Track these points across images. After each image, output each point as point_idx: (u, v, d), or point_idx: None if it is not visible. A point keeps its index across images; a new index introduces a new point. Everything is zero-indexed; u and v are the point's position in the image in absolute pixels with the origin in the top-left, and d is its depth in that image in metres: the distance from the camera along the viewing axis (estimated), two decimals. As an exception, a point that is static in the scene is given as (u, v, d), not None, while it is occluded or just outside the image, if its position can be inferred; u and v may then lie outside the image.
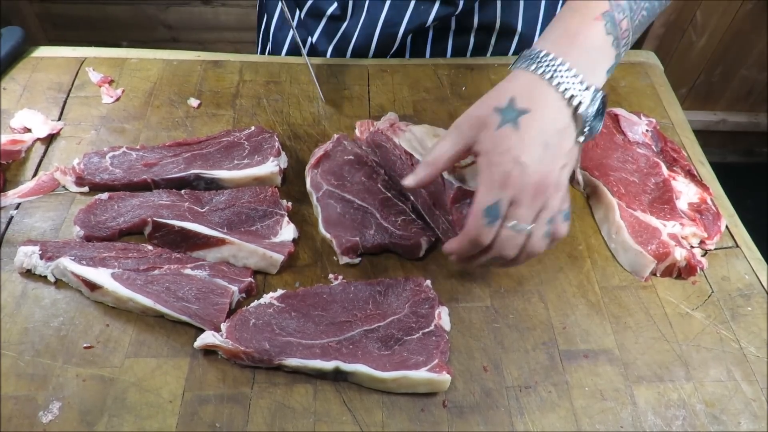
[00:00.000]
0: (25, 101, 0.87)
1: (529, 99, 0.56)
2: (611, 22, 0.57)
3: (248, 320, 0.63)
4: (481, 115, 0.57)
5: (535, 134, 0.55)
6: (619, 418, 0.60)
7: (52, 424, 0.57)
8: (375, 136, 0.79)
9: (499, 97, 0.57)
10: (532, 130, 0.55)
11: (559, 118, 0.56)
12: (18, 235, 0.71)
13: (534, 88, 0.56)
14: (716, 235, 0.73)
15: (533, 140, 0.55)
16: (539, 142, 0.55)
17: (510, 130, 0.55)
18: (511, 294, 0.69)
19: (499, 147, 0.56)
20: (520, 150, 0.55)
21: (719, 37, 1.95)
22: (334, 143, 0.79)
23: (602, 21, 0.57)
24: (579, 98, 0.56)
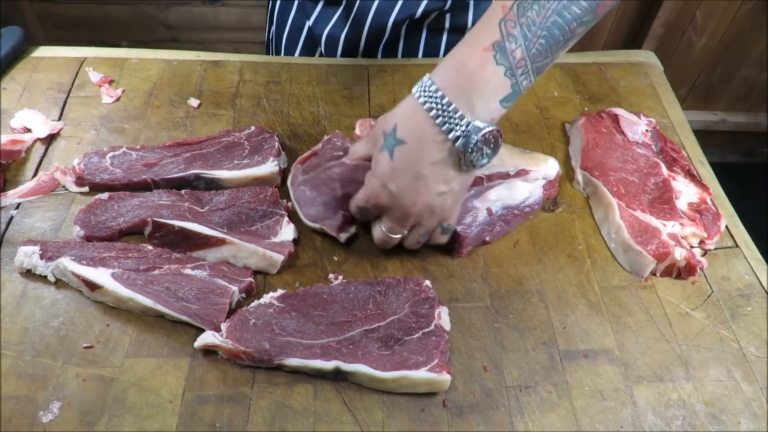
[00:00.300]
0: (25, 101, 0.87)
1: (408, 130, 0.59)
2: (501, 52, 0.56)
3: (248, 320, 0.63)
4: (375, 134, 0.64)
5: (405, 165, 0.60)
6: (619, 418, 0.60)
7: (52, 424, 0.57)
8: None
9: (389, 120, 0.61)
10: (404, 161, 0.60)
11: (434, 152, 0.58)
12: (18, 235, 0.71)
13: (414, 121, 0.59)
14: (716, 235, 0.73)
15: (404, 171, 0.60)
16: (411, 173, 0.60)
17: (385, 157, 0.61)
18: (511, 294, 0.69)
19: (376, 170, 0.63)
20: (389, 178, 0.61)
21: (719, 37, 1.95)
22: (324, 142, 0.79)
23: (491, 52, 0.56)
24: (456, 133, 0.57)
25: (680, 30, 1.93)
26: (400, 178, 0.60)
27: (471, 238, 0.71)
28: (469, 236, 0.70)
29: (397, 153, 0.60)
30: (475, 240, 0.72)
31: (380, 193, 0.62)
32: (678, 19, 1.89)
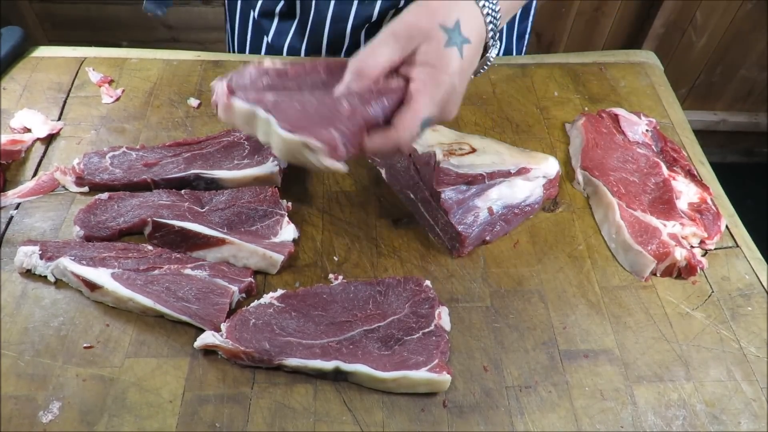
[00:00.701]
0: (25, 101, 0.87)
1: (471, 29, 0.58)
2: None
3: (248, 320, 0.63)
4: (424, 27, 0.57)
5: (468, 67, 0.59)
6: (619, 418, 0.60)
7: (52, 424, 0.57)
8: None
9: (447, 14, 0.57)
10: (468, 63, 0.59)
11: (476, 58, 0.60)
12: (18, 235, 0.71)
13: (477, 22, 0.58)
14: (716, 235, 0.73)
15: (467, 72, 0.59)
16: (468, 74, 0.60)
17: (455, 53, 0.57)
18: (511, 294, 0.69)
19: (447, 67, 0.57)
20: (460, 78, 0.59)
21: (719, 37, 1.95)
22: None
23: None
24: (493, 41, 0.60)
25: (680, 30, 1.93)
26: (464, 78, 0.59)
27: (472, 238, 0.71)
28: (470, 236, 0.70)
29: (465, 51, 0.57)
30: (475, 240, 0.72)
31: (450, 92, 0.58)
32: (678, 19, 1.89)
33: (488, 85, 0.94)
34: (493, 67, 0.96)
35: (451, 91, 0.58)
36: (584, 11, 1.90)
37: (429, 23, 0.57)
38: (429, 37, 0.57)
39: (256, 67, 0.62)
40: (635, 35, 1.98)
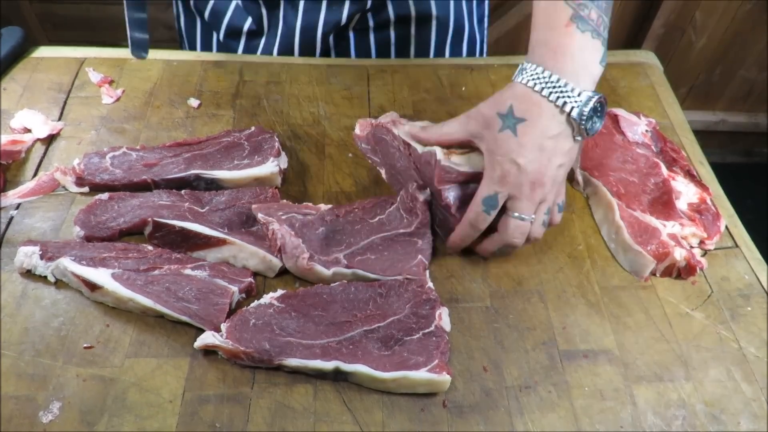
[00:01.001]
0: (25, 101, 0.87)
1: (525, 109, 0.63)
2: (581, 21, 0.62)
3: (248, 320, 0.63)
4: (486, 115, 0.65)
5: (529, 140, 0.63)
6: (619, 418, 0.60)
7: (52, 424, 0.57)
8: (376, 131, 0.79)
9: (502, 103, 0.64)
10: (528, 137, 0.63)
11: (552, 125, 0.63)
12: (18, 236, 0.71)
13: (529, 99, 0.63)
14: (716, 235, 0.73)
15: (528, 145, 0.63)
16: (534, 146, 0.63)
17: (509, 135, 0.63)
18: (511, 294, 0.69)
19: (500, 148, 0.64)
20: (517, 154, 0.63)
21: (719, 37, 1.95)
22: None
23: (573, 25, 0.62)
24: (571, 104, 0.62)
25: (680, 30, 1.93)
26: (526, 152, 0.63)
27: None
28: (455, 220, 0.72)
29: (519, 130, 0.63)
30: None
31: (509, 170, 0.63)
32: (678, 19, 1.89)
33: (488, 85, 0.94)
34: (492, 68, 0.96)
35: (511, 168, 0.63)
36: (584, 11, 1.89)
37: (490, 112, 0.65)
38: (488, 125, 0.65)
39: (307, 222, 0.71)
40: (635, 35, 1.98)
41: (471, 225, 0.67)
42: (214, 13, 0.96)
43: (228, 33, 0.97)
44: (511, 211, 0.65)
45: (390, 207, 0.74)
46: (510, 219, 0.66)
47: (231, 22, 0.96)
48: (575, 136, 0.64)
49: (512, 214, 0.65)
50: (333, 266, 0.68)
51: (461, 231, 0.68)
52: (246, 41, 0.97)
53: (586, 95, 0.62)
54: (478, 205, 0.65)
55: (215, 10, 0.96)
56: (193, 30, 1.01)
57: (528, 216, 0.65)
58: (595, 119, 0.64)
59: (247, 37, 0.97)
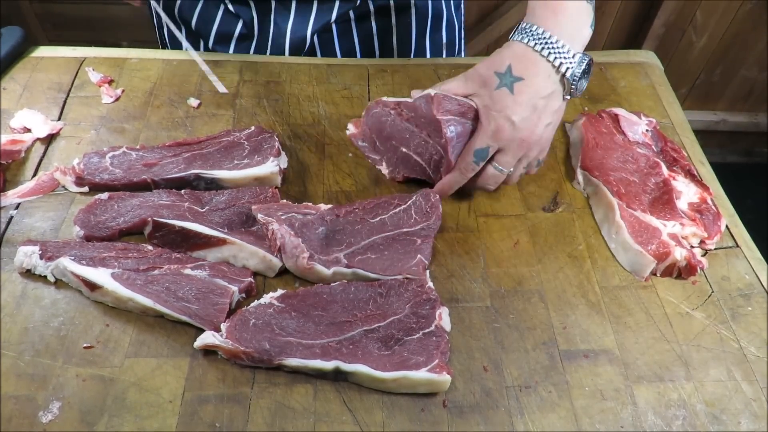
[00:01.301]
0: (25, 101, 0.87)
1: (523, 68, 0.66)
2: None
3: (248, 320, 0.63)
4: (483, 74, 0.69)
5: (525, 98, 0.66)
6: (619, 418, 0.60)
7: (52, 424, 0.57)
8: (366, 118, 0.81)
9: (500, 62, 0.68)
10: (523, 95, 0.66)
11: (547, 84, 0.67)
12: (18, 235, 0.71)
13: (527, 59, 0.66)
14: (716, 235, 0.73)
15: (524, 103, 0.67)
16: (529, 105, 0.67)
17: (506, 92, 0.67)
18: (511, 294, 0.69)
19: (497, 105, 0.68)
20: (512, 111, 0.67)
21: (719, 37, 1.95)
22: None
23: None
24: (566, 65, 0.66)
25: (680, 30, 1.93)
26: (521, 109, 0.67)
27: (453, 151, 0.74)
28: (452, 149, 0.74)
29: (516, 88, 0.66)
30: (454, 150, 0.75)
31: (503, 126, 0.67)
32: (678, 19, 1.89)
33: (488, 85, 0.94)
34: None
35: (505, 124, 0.67)
36: (584, 11, 1.89)
37: (488, 71, 0.68)
38: (485, 83, 0.69)
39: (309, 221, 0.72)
40: (635, 35, 1.98)
41: (461, 173, 0.72)
42: (201, 20, 0.96)
43: (217, 39, 0.97)
44: (494, 162, 0.71)
45: (395, 208, 0.74)
46: (490, 168, 0.71)
47: (220, 29, 0.96)
48: (564, 95, 0.69)
49: (493, 164, 0.71)
50: (333, 266, 0.68)
51: (451, 177, 0.73)
52: (235, 45, 0.97)
53: (579, 56, 0.66)
54: (470, 155, 0.70)
55: (203, 18, 0.96)
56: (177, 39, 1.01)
57: (507, 169, 0.71)
58: (583, 80, 0.68)
59: (237, 41, 0.97)
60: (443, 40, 1.04)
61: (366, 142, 0.82)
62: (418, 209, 0.74)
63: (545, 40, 0.65)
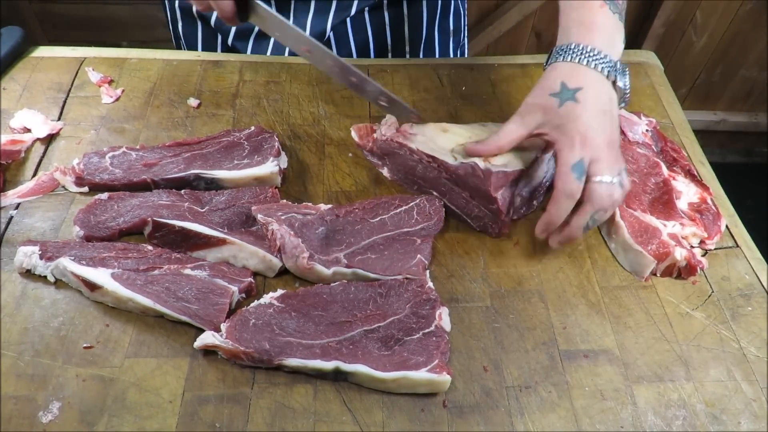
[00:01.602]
0: (25, 101, 0.87)
1: (576, 80, 0.66)
2: (612, 4, 0.69)
3: (248, 320, 0.63)
4: (539, 103, 0.68)
5: (591, 104, 0.66)
6: (619, 418, 0.60)
7: (52, 424, 0.57)
8: (384, 145, 0.77)
9: (552, 84, 0.67)
10: (589, 102, 0.66)
11: (604, 90, 0.67)
12: (18, 235, 0.71)
13: (577, 72, 0.66)
14: (716, 235, 0.73)
15: (593, 109, 0.66)
16: (598, 110, 0.66)
17: (572, 104, 0.66)
18: (511, 294, 0.69)
19: (569, 119, 0.66)
20: (587, 118, 0.65)
21: (719, 37, 1.95)
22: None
23: (606, 6, 0.68)
24: (614, 73, 0.67)
25: (680, 30, 1.93)
26: (594, 115, 0.66)
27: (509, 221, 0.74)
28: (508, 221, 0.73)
29: (579, 97, 0.66)
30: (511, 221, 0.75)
31: (586, 133, 0.65)
32: (678, 19, 1.89)
33: (488, 85, 0.94)
34: (492, 67, 0.96)
35: (587, 131, 0.65)
36: (584, 11, 1.90)
37: (542, 97, 0.67)
38: (547, 109, 0.67)
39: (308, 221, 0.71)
40: (635, 35, 1.98)
41: (567, 196, 0.66)
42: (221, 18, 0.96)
43: (237, 36, 0.97)
44: (595, 176, 0.65)
45: (396, 209, 0.74)
46: (596, 184, 0.65)
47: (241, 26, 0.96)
48: (619, 103, 0.68)
49: (596, 179, 0.65)
50: (333, 266, 0.68)
51: (557, 206, 0.66)
52: (254, 43, 0.98)
53: (621, 65, 0.67)
54: (568, 173, 0.65)
55: None
56: (194, 35, 1.01)
57: (611, 177, 0.65)
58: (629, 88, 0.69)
59: (257, 37, 0.97)
60: (450, 27, 1.06)
61: (371, 152, 0.82)
62: (420, 211, 0.74)
63: (587, 53, 0.66)
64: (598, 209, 0.66)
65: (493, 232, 0.74)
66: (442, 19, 1.04)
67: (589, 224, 0.67)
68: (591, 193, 0.66)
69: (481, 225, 0.74)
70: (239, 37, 0.97)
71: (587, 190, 0.66)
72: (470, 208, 0.74)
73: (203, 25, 0.99)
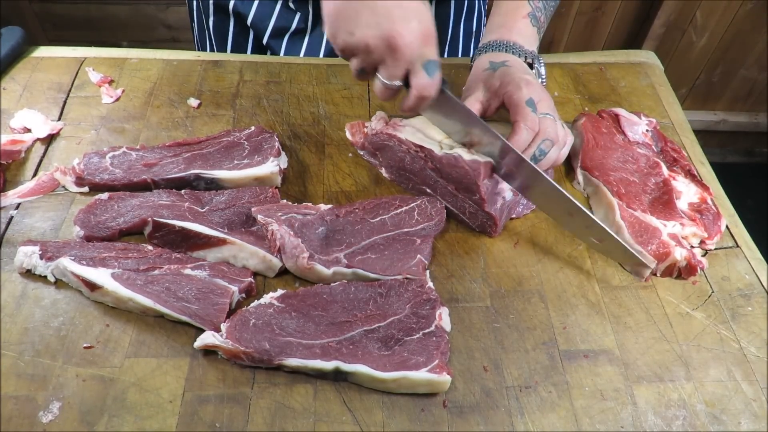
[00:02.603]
0: (25, 101, 0.87)
1: (502, 58, 0.76)
2: (534, 18, 0.81)
3: (248, 320, 0.63)
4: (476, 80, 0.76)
5: (520, 67, 0.75)
6: (619, 418, 0.60)
7: (52, 424, 0.57)
8: (374, 139, 0.78)
9: (481, 65, 0.77)
10: (518, 65, 0.75)
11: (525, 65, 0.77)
12: (18, 235, 0.71)
13: (499, 56, 0.77)
14: (716, 235, 0.73)
15: (522, 70, 0.74)
16: (525, 70, 0.75)
17: (504, 68, 0.75)
18: (511, 294, 0.69)
19: (506, 75, 0.73)
20: (520, 74, 0.73)
21: (719, 37, 1.95)
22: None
23: (528, 19, 0.81)
24: (531, 58, 0.77)
25: (680, 30, 1.92)
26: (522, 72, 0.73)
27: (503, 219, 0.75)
28: (501, 217, 0.73)
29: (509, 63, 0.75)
30: (505, 219, 0.75)
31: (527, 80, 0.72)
32: (678, 19, 1.89)
33: (488, 85, 0.94)
34: (493, 67, 0.96)
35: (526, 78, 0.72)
36: (584, 11, 1.90)
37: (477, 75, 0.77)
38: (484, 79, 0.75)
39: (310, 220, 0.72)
40: (635, 35, 1.98)
41: (527, 128, 0.70)
42: (259, 16, 0.97)
43: (273, 34, 0.98)
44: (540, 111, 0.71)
45: (396, 209, 0.74)
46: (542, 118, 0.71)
47: (277, 24, 0.97)
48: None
49: (541, 114, 0.71)
50: (333, 266, 0.68)
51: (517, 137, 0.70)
52: (289, 41, 0.98)
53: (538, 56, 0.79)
54: (524, 107, 0.70)
55: (261, 13, 0.97)
56: (225, 30, 1.01)
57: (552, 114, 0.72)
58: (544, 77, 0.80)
59: (292, 35, 0.98)
60: (473, 29, 1.07)
61: (365, 150, 0.82)
62: (421, 212, 0.74)
63: (506, 45, 0.78)
64: (544, 138, 0.71)
65: (492, 231, 0.74)
66: (467, 21, 1.05)
67: (536, 154, 0.72)
68: (540, 124, 0.71)
69: (479, 225, 0.74)
70: (274, 35, 0.98)
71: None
72: (460, 204, 0.74)
73: (236, 21, 0.99)
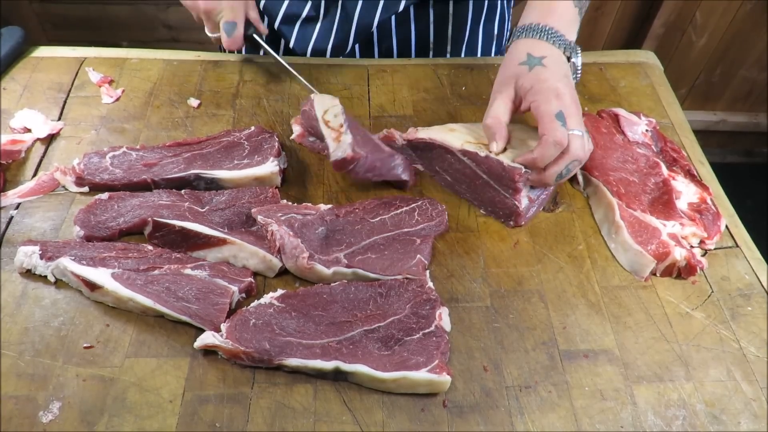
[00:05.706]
0: (25, 101, 0.87)
1: (540, 50, 0.73)
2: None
3: (248, 320, 0.63)
4: (510, 74, 0.74)
5: (555, 69, 0.72)
6: (619, 418, 0.60)
7: (52, 424, 0.57)
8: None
9: (518, 56, 0.74)
10: (554, 67, 0.72)
11: (563, 61, 0.74)
12: (18, 235, 0.71)
13: (539, 45, 0.74)
14: (716, 234, 0.73)
15: (558, 72, 0.72)
16: (561, 74, 0.72)
17: (540, 68, 0.72)
18: (511, 294, 0.69)
19: (540, 78, 0.71)
20: (554, 79, 0.71)
21: (719, 37, 1.95)
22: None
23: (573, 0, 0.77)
24: (569, 50, 0.75)
25: (680, 30, 1.92)
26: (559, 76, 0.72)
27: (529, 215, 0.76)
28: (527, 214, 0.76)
29: (546, 62, 0.73)
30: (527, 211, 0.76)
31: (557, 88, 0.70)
32: (678, 19, 1.89)
33: (488, 85, 0.93)
34: (493, 68, 0.96)
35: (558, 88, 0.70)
36: (584, 11, 1.90)
37: (512, 68, 0.74)
38: (518, 75, 0.73)
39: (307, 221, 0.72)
40: (635, 35, 1.98)
41: (555, 143, 0.69)
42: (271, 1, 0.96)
43: (284, 20, 0.97)
44: (570, 129, 0.69)
45: (396, 209, 0.74)
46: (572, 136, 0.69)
47: (289, 9, 0.96)
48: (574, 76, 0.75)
49: (571, 132, 0.69)
50: (333, 266, 0.68)
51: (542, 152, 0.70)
52: (300, 28, 0.97)
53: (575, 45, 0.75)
54: (554, 122, 0.69)
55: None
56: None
57: (581, 130, 0.70)
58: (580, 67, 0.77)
59: (303, 22, 0.97)
60: (494, 32, 1.06)
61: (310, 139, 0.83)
62: (422, 212, 0.74)
63: (546, 31, 0.74)
64: (573, 159, 0.71)
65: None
66: (487, 22, 1.03)
67: (563, 173, 0.71)
68: (570, 143, 0.70)
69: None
70: (285, 21, 0.97)
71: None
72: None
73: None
